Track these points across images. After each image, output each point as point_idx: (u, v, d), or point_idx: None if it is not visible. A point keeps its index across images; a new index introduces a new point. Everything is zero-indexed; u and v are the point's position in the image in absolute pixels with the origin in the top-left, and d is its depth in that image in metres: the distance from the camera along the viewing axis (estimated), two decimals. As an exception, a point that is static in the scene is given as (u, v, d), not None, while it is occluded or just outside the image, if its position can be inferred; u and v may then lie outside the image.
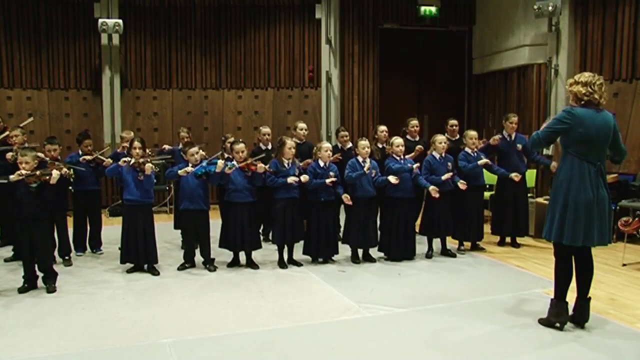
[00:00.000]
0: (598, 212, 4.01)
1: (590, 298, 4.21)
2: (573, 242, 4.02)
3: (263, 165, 5.88)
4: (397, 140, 6.36)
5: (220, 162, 5.85)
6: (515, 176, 6.61)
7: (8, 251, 6.46)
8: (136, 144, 5.80)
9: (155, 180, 5.96)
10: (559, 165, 4.17)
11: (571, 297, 4.23)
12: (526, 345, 3.99)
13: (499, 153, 7.10)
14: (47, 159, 5.83)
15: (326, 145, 6.26)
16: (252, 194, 5.98)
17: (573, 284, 4.21)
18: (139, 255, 5.81)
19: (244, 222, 5.94)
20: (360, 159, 6.17)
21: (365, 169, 6.06)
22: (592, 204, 3.98)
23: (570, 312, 4.25)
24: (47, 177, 5.02)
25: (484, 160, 6.59)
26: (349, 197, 6.05)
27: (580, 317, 4.23)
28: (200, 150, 6.12)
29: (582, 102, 4.04)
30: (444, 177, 6.29)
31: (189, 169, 5.85)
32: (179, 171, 5.86)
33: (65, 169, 5.35)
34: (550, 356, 3.85)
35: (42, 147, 6.08)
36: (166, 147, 7.38)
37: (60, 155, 6.13)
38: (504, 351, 3.91)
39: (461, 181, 6.38)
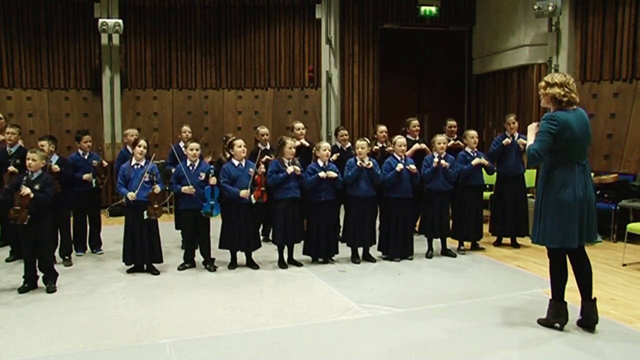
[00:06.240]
0: (587, 210, 4.02)
1: (595, 299, 4.16)
2: (568, 244, 4.00)
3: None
4: (400, 140, 6.37)
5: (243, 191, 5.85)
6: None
7: (8, 251, 6.47)
8: (142, 142, 5.92)
9: (163, 185, 5.98)
10: (545, 169, 4.12)
11: (570, 297, 4.23)
12: (526, 345, 3.99)
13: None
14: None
15: (325, 144, 6.26)
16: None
17: (572, 284, 4.20)
18: (145, 254, 5.83)
19: (248, 223, 5.96)
20: (358, 158, 6.18)
21: (358, 163, 6.05)
22: (582, 203, 3.99)
23: (579, 316, 4.21)
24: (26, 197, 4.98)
25: (477, 160, 6.58)
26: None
27: (589, 320, 4.15)
28: (198, 151, 6.11)
29: (562, 104, 4.00)
30: (435, 162, 6.30)
31: (191, 190, 5.88)
32: (182, 189, 5.91)
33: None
34: (550, 356, 3.85)
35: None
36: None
37: (58, 154, 6.14)
38: (504, 351, 3.91)
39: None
